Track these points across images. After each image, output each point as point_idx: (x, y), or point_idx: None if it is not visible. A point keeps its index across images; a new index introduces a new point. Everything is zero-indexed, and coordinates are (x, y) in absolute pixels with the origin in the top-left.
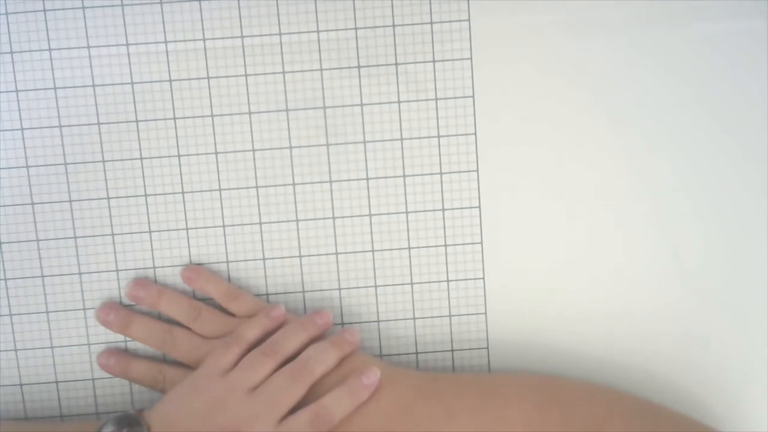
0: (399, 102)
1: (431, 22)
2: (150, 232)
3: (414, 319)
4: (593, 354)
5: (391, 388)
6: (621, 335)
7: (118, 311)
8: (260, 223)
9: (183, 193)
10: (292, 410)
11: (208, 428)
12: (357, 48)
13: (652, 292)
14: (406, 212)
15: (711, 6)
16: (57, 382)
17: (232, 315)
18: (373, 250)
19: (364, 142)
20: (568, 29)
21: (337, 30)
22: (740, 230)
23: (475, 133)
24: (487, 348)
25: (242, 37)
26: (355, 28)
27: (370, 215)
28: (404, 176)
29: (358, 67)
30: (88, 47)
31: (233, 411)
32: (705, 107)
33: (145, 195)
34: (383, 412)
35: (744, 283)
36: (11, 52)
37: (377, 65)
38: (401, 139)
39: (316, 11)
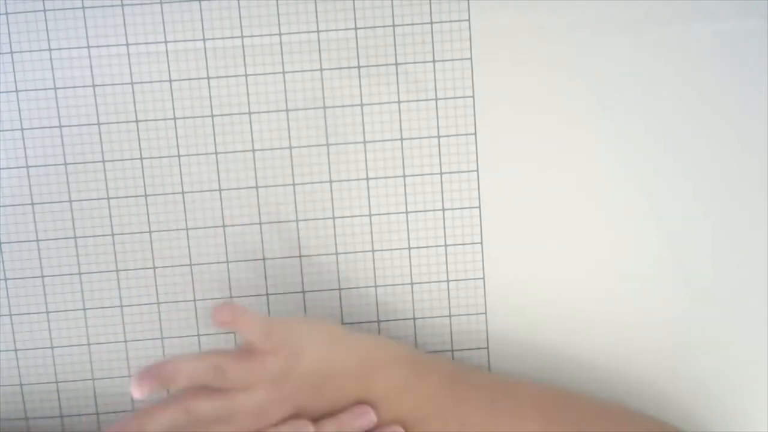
0: (399, 102)
1: (431, 22)
2: (150, 232)
3: (414, 319)
4: (593, 354)
5: (413, 392)
6: (621, 335)
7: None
8: (260, 224)
9: (183, 193)
10: None
11: None
12: (357, 48)
13: (651, 291)
14: (406, 212)
15: (712, 6)
16: (57, 382)
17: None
18: (373, 250)
19: (364, 142)
20: (568, 29)
21: (337, 30)
22: (743, 230)
23: (475, 133)
24: (487, 348)
25: (242, 37)
26: (355, 28)
27: (370, 215)
28: (404, 176)
29: (358, 67)
30: (88, 47)
31: None
32: (707, 108)
33: (145, 195)
34: (398, 419)
35: (745, 285)
36: (11, 52)
37: (377, 65)
38: (401, 139)
39: (316, 11)
